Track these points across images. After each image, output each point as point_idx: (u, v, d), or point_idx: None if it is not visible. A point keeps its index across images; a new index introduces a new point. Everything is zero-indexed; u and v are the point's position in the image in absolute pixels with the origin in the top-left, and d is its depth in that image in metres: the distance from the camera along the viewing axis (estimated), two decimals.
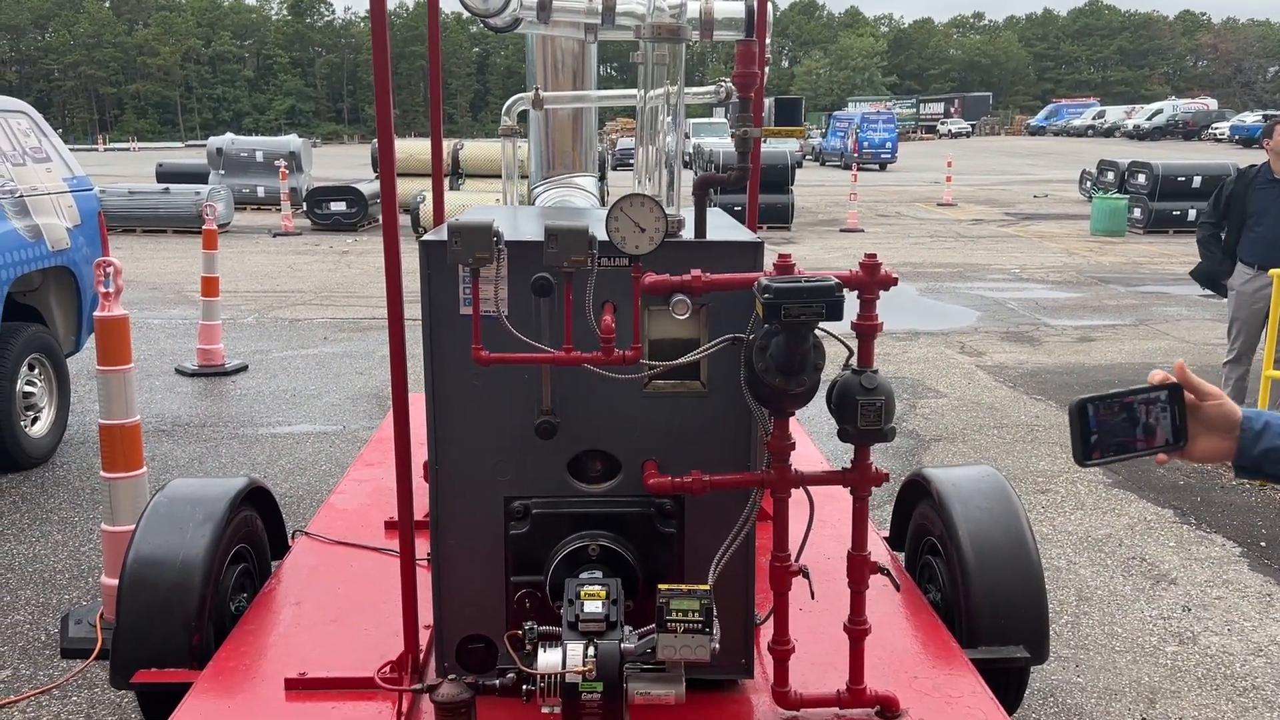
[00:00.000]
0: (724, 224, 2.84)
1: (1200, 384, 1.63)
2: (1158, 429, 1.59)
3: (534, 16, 2.99)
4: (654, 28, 2.32)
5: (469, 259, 2.13)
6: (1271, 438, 1.61)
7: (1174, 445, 1.60)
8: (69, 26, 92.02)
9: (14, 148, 5.64)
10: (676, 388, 2.39)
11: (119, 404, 3.57)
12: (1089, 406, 1.56)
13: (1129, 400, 1.58)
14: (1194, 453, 1.64)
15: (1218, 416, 1.63)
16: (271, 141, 22.67)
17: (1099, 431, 1.57)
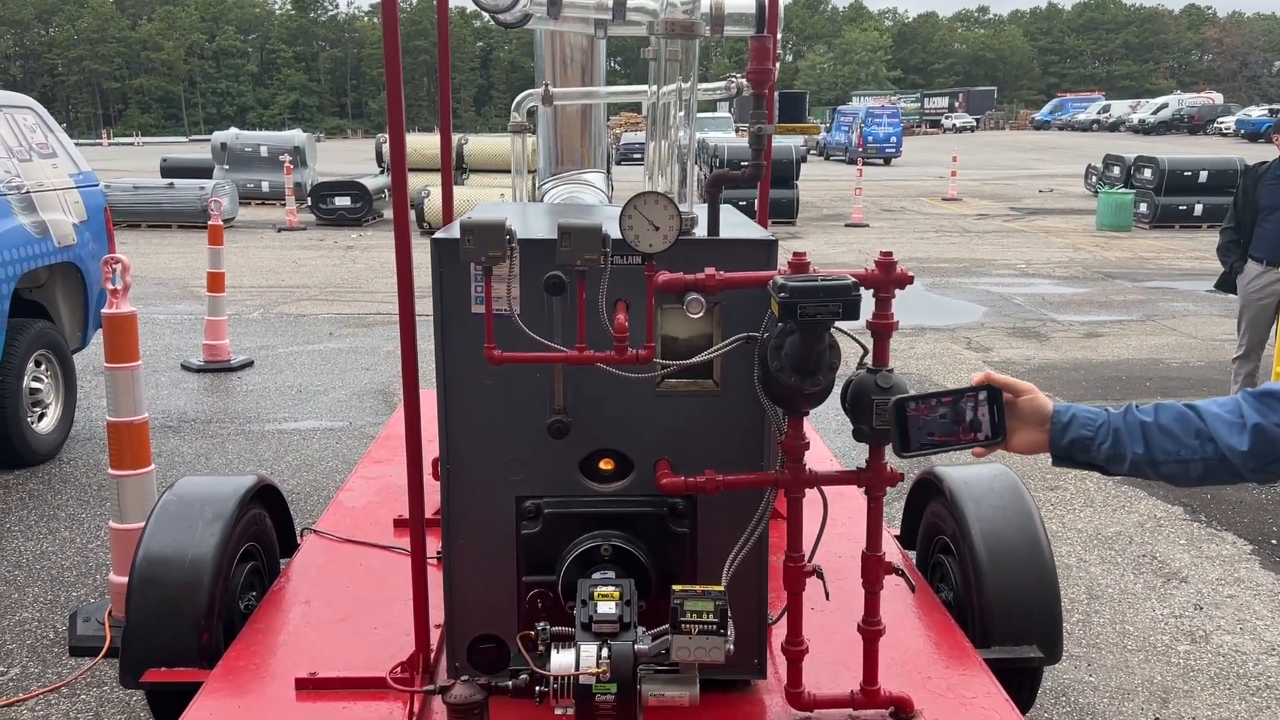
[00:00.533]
0: (736, 221, 2.82)
1: (1013, 382, 1.79)
2: (979, 424, 1.78)
3: (544, 12, 2.97)
4: (667, 24, 2.30)
5: (481, 257, 2.11)
6: (1077, 429, 1.74)
7: (993, 439, 1.78)
8: (73, 21, 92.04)
9: (20, 143, 5.63)
10: (689, 387, 2.37)
11: (126, 401, 3.56)
12: (906, 404, 1.76)
13: (950, 399, 1.77)
14: (1013, 445, 1.82)
15: (1031, 411, 1.79)
16: (276, 136, 22.65)
17: (918, 426, 1.76)
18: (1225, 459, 1.64)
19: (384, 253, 15.06)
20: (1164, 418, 1.69)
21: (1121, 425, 1.71)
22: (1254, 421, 1.61)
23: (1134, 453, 1.70)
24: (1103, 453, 1.72)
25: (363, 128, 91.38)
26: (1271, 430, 1.61)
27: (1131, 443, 1.70)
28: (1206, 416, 1.67)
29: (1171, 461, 1.68)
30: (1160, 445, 1.68)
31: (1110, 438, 1.71)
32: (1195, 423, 1.67)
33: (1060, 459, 1.78)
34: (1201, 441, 1.66)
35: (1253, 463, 1.63)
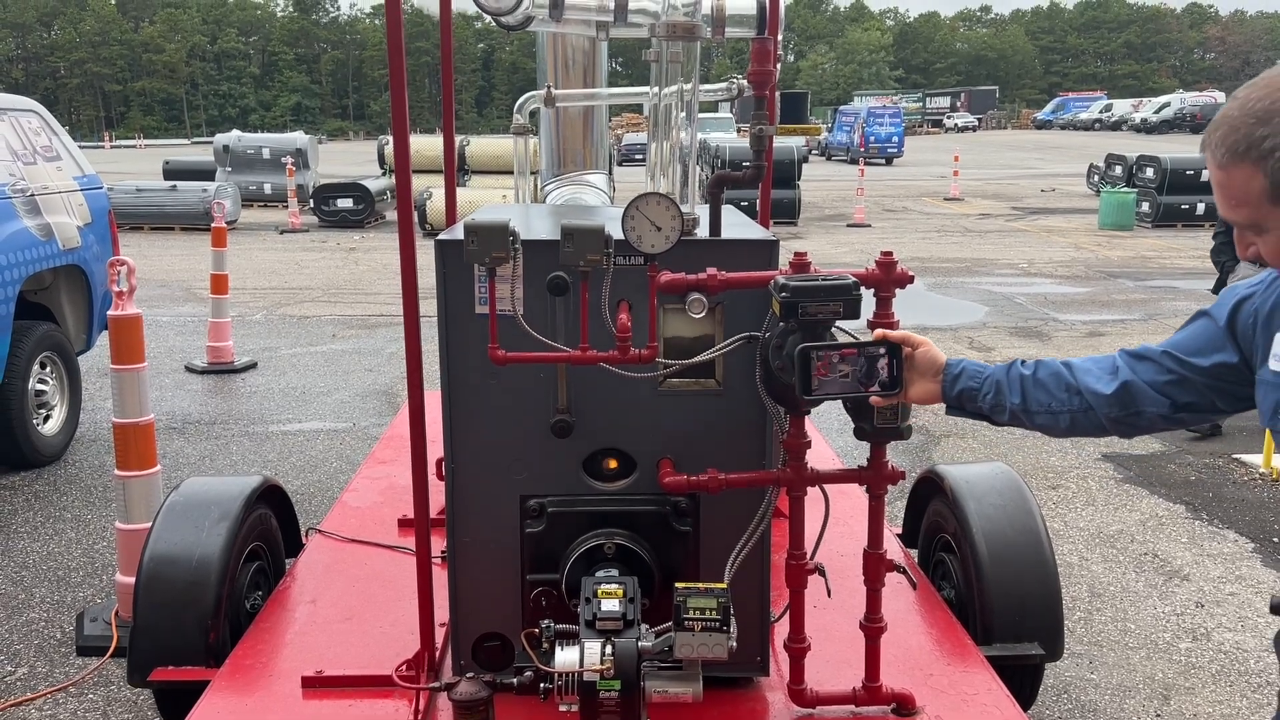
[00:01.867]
0: (738, 221, 2.84)
1: (909, 336, 1.91)
2: (878, 375, 1.89)
3: (546, 14, 2.99)
4: (669, 26, 2.32)
5: (485, 258, 2.13)
6: (965, 380, 1.88)
7: (890, 389, 1.90)
8: (75, 24, 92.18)
9: (25, 146, 5.66)
10: (692, 386, 2.39)
11: (132, 402, 3.58)
12: (810, 352, 1.88)
13: (851, 351, 1.89)
14: (909, 395, 1.93)
15: (926, 362, 1.91)
16: (278, 139, 22.70)
17: (822, 373, 1.88)
18: (1090, 409, 1.79)
19: (386, 254, 15.08)
20: (1041, 373, 1.85)
21: (1003, 378, 1.86)
22: (1125, 377, 1.76)
23: (1012, 403, 1.85)
24: (987, 402, 1.87)
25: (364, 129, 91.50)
26: (1137, 385, 1.75)
27: (1010, 394, 1.85)
28: (1077, 372, 1.82)
29: (1044, 412, 1.83)
30: (1035, 397, 1.84)
31: (993, 389, 1.86)
32: (1066, 378, 1.83)
33: (951, 408, 1.93)
34: (1070, 394, 1.81)
35: (1116, 411, 1.77)
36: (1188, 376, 1.71)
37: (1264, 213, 1.44)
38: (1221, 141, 1.44)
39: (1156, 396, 1.74)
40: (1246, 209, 1.46)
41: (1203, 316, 1.73)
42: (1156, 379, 1.74)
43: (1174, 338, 1.77)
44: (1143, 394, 1.74)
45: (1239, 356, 1.65)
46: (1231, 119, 1.43)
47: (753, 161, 2.43)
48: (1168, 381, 1.73)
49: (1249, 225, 1.49)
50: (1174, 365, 1.72)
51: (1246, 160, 1.41)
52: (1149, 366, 1.75)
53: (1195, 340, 1.72)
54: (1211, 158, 1.48)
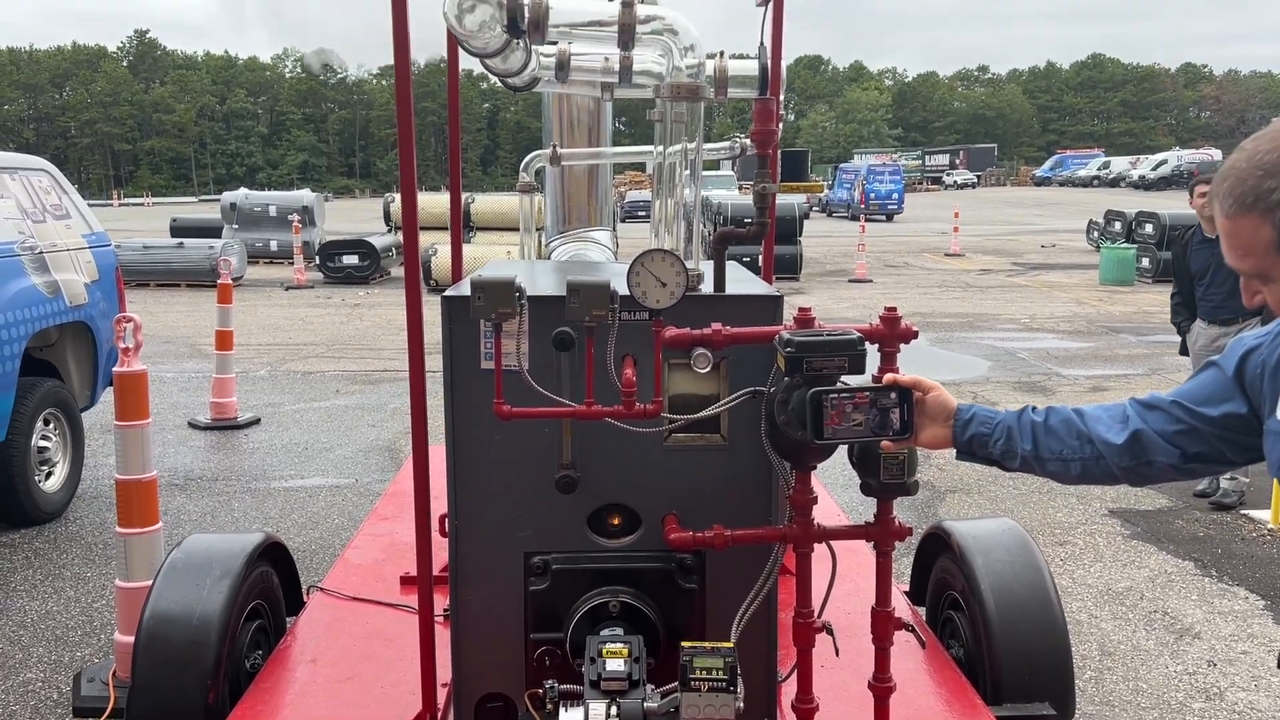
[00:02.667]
0: (742, 277, 2.86)
1: (920, 380, 1.90)
2: (889, 421, 1.87)
3: (552, 76, 3.04)
4: (673, 88, 2.36)
5: (492, 314, 2.14)
6: (977, 425, 1.88)
7: (901, 434, 1.88)
8: (87, 85, 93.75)
9: (35, 205, 5.72)
10: (697, 441, 2.38)
11: (136, 459, 3.57)
12: (822, 396, 1.86)
13: (864, 396, 1.86)
14: (920, 440, 1.92)
15: (937, 407, 1.90)
16: (285, 196, 22.94)
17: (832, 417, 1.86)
18: (1101, 457, 1.78)
19: (391, 310, 15.15)
20: (1052, 419, 1.84)
21: (1015, 425, 1.86)
22: (1135, 426, 1.75)
23: (1023, 449, 1.84)
24: (998, 448, 1.86)
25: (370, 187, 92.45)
26: (1148, 434, 1.74)
27: (1022, 440, 1.84)
28: (1088, 420, 1.82)
29: (1055, 459, 1.83)
30: (1046, 444, 1.83)
31: (1004, 435, 1.85)
32: (1077, 425, 1.82)
33: (962, 453, 1.91)
34: (1081, 442, 1.80)
35: (1127, 460, 1.76)
36: (1197, 426, 1.71)
37: (1270, 262, 1.46)
38: (1229, 193, 1.47)
39: (1167, 446, 1.73)
40: (1253, 259, 1.48)
41: (1211, 367, 1.74)
42: (1166, 428, 1.73)
43: (1183, 387, 1.77)
44: (1153, 443, 1.74)
45: (1247, 407, 1.65)
46: (1239, 170, 1.45)
47: (756, 219, 2.45)
48: (1178, 431, 1.72)
49: (1255, 275, 1.51)
50: (1183, 415, 1.72)
51: (1254, 211, 1.43)
52: (1159, 416, 1.75)
53: (1204, 390, 1.72)
54: (1219, 208, 1.50)
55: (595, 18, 2.41)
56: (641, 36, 2.40)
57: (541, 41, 2.53)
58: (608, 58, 2.96)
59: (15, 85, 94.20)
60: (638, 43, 2.40)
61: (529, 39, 2.43)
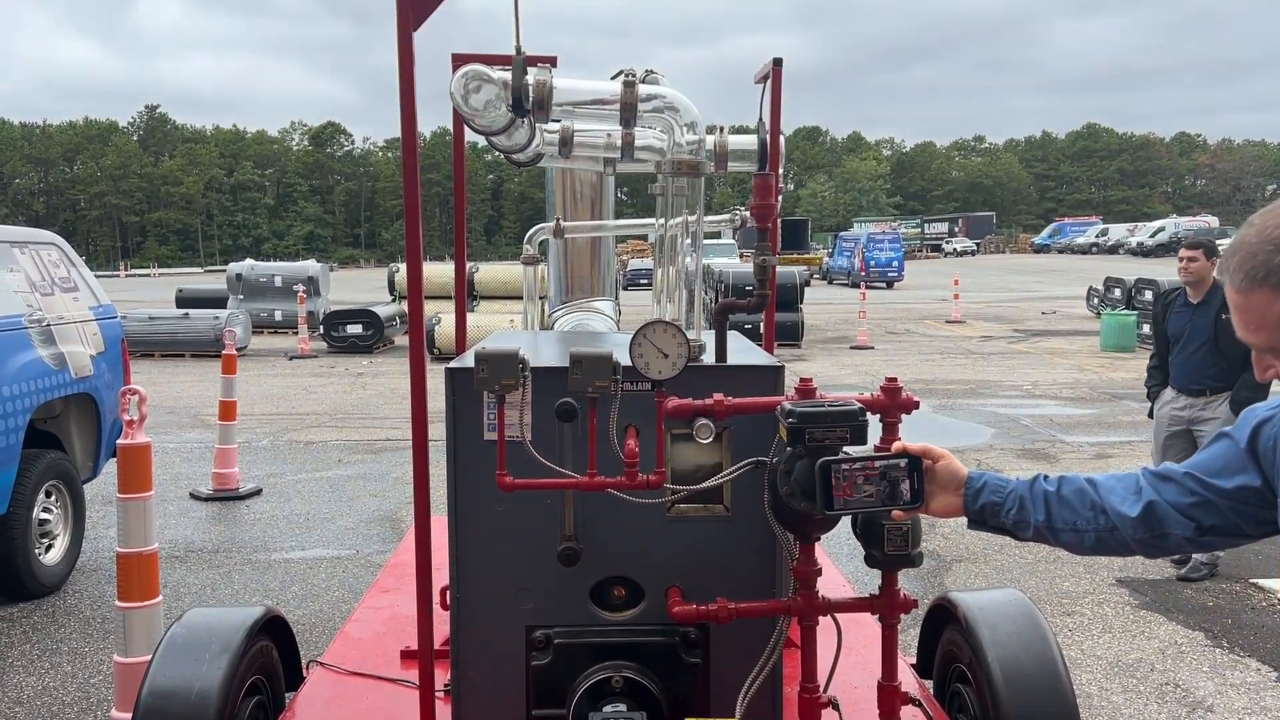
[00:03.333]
0: (743, 347, 2.88)
1: (930, 449, 1.89)
2: (899, 490, 1.85)
3: (556, 152, 3.10)
4: (674, 163, 2.41)
5: (495, 385, 2.16)
6: (988, 494, 1.86)
7: (912, 504, 1.86)
8: (97, 159, 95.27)
9: (43, 278, 5.78)
10: (699, 511, 2.38)
11: (138, 532, 3.56)
12: (831, 466, 1.83)
13: (874, 465, 1.84)
14: (931, 509, 1.90)
15: (947, 475, 1.89)
16: (290, 267, 23.16)
17: (842, 487, 1.83)
18: (1115, 529, 1.77)
19: (394, 379, 15.19)
20: (1065, 489, 1.82)
21: (1027, 494, 1.84)
22: (1149, 498, 1.74)
23: (1036, 519, 1.82)
24: (1010, 518, 1.84)
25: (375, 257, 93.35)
26: (1162, 506, 1.73)
27: (1035, 510, 1.82)
28: (1102, 490, 1.80)
29: (1069, 530, 1.81)
30: (1060, 514, 1.81)
31: (1017, 505, 1.84)
32: (1091, 496, 1.80)
33: (973, 522, 1.90)
34: (1095, 513, 1.79)
35: (1141, 533, 1.74)
36: (1211, 499, 1.69)
37: None
38: (1239, 267, 1.48)
39: (1181, 519, 1.72)
40: (1265, 332, 1.49)
41: (1224, 438, 1.72)
42: (1181, 500, 1.72)
43: (1196, 458, 1.76)
44: (1168, 516, 1.72)
45: (1261, 479, 1.64)
46: (1249, 245, 1.47)
47: (757, 290, 2.48)
48: (1192, 503, 1.71)
49: (1268, 349, 1.51)
50: (1197, 487, 1.70)
51: (1265, 286, 1.45)
52: (1172, 488, 1.73)
53: (1217, 461, 1.70)
54: (1230, 282, 1.51)
55: (598, 96, 2.47)
56: (643, 114, 2.46)
57: (546, 120, 2.59)
58: (610, 134, 3.02)
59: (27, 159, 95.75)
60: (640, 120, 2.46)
61: (533, 118, 2.49)
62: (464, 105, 2.37)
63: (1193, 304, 5.89)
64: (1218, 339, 5.66)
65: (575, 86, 2.43)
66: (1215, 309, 5.71)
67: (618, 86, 2.42)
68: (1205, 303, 5.81)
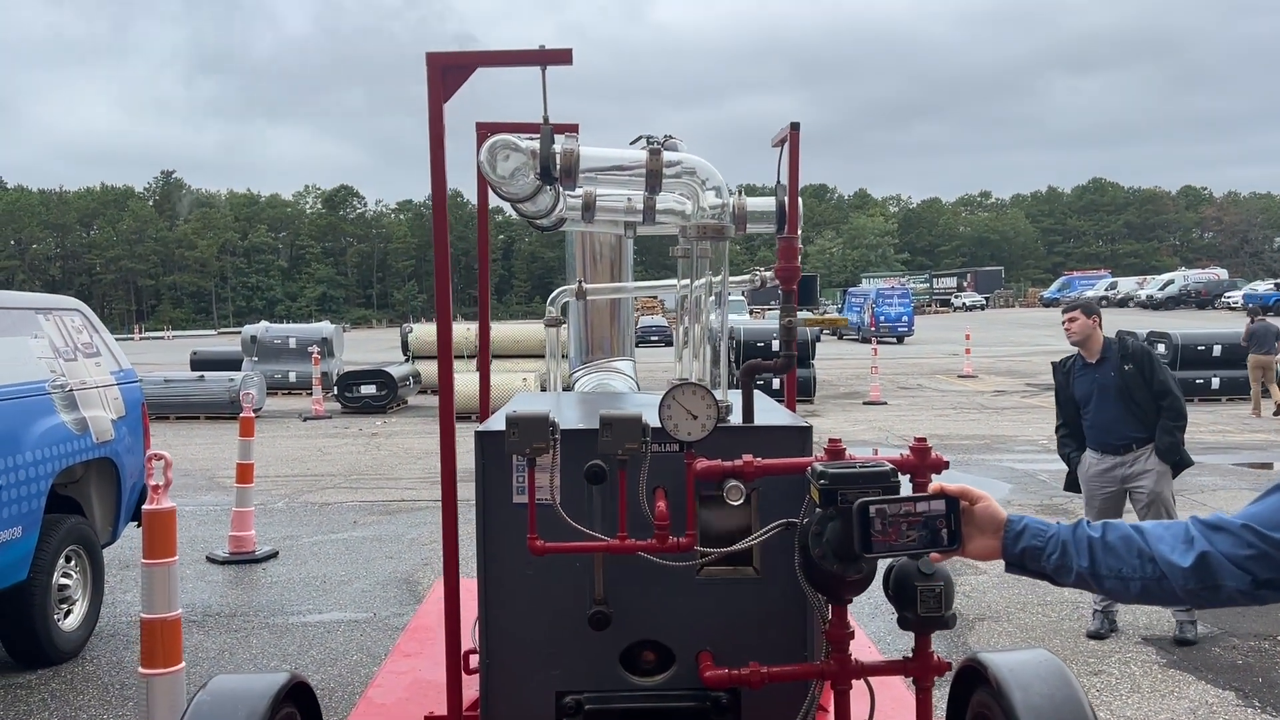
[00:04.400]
0: (767, 406, 2.90)
1: (968, 490, 1.86)
2: (936, 532, 1.82)
3: (578, 217, 3.15)
4: (699, 228, 2.44)
5: (526, 449, 2.18)
6: (1029, 538, 1.82)
7: (949, 546, 1.83)
8: (113, 224, 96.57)
9: (66, 344, 5.85)
10: (729, 574, 2.38)
11: (161, 597, 3.56)
12: (869, 507, 1.80)
13: (911, 506, 1.81)
14: (968, 551, 1.86)
15: (986, 518, 1.85)
16: (305, 329, 23.34)
17: (880, 530, 1.80)
18: (1164, 577, 1.73)
19: (408, 439, 15.20)
20: (1110, 536, 1.79)
21: (1070, 539, 1.81)
22: (1202, 548, 1.69)
23: (1080, 565, 1.78)
24: (1051, 563, 1.81)
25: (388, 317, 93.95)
26: (1216, 557, 1.68)
27: (1078, 556, 1.79)
28: (1150, 538, 1.77)
29: (1113, 577, 1.77)
30: (1104, 561, 1.77)
31: (1059, 549, 1.80)
32: (1138, 543, 1.76)
33: (1012, 566, 1.86)
34: (1143, 561, 1.75)
35: (1193, 583, 1.70)
36: (1270, 552, 1.65)
37: None
38: None
39: (1237, 571, 1.67)
40: None
41: None
42: (1237, 552, 1.67)
43: (1253, 510, 1.71)
44: (1222, 567, 1.68)
45: None
46: None
47: (782, 351, 2.50)
48: (1249, 556, 1.67)
49: None
50: (1255, 539, 1.66)
51: None
52: (1227, 539, 1.69)
53: (1277, 515, 1.66)
54: None
55: (623, 163, 2.52)
56: (667, 180, 2.51)
57: (572, 188, 2.63)
58: (630, 198, 3.07)
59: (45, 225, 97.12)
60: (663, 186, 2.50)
61: (560, 185, 2.54)
62: (492, 173, 2.42)
63: (1091, 364, 5.91)
64: (1129, 391, 5.71)
65: (601, 154, 2.48)
66: (1115, 364, 5.78)
67: (642, 154, 2.47)
68: (1104, 360, 5.86)
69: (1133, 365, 5.76)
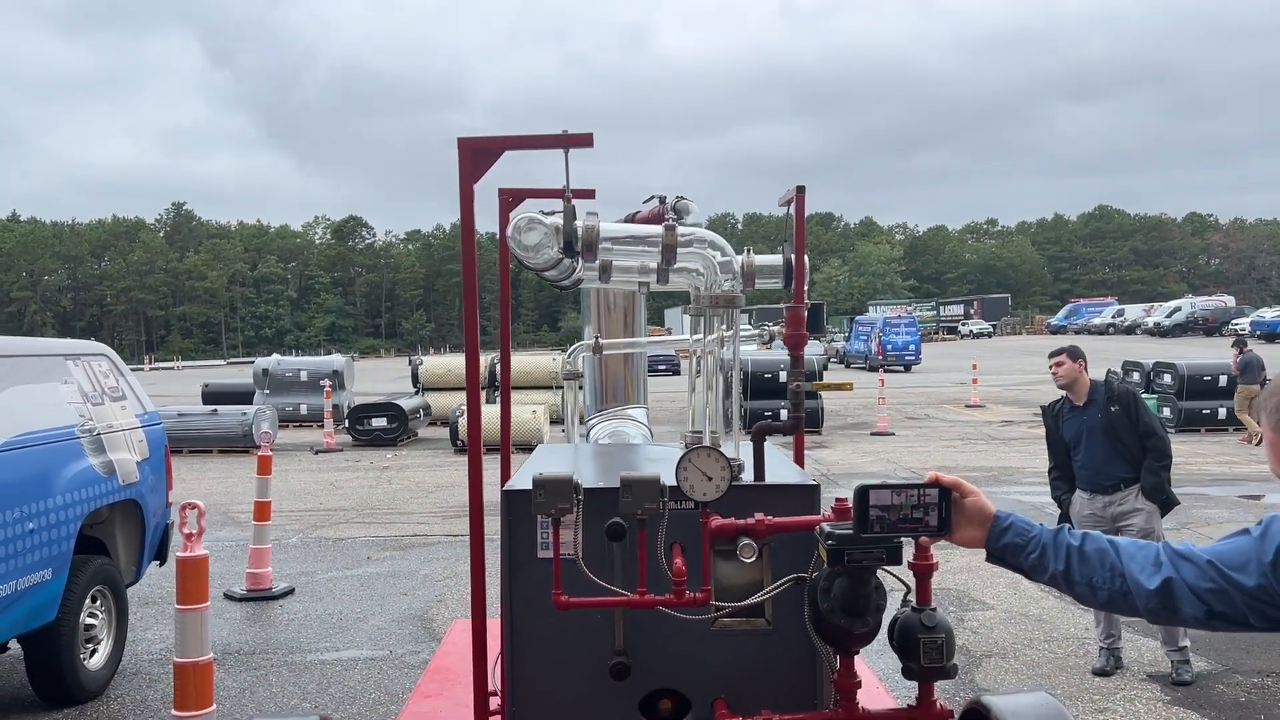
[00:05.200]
0: (777, 459, 3.04)
1: (961, 483, 2.01)
2: (927, 517, 1.97)
3: (595, 277, 3.31)
4: (713, 298, 2.60)
5: (552, 510, 2.32)
6: (1013, 535, 1.97)
7: (938, 531, 1.97)
8: (124, 255, 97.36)
9: (94, 388, 6.02)
10: (743, 625, 2.51)
11: (194, 642, 3.69)
12: (869, 492, 1.97)
13: (906, 492, 1.97)
14: (955, 538, 2.01)
15: (975, 511, 2.01)
16: (316, 361, 23.58)
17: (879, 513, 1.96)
18: (1129, 593, 1.89)
19: (418, 472, 15.34)
20: (1088, 546, 1.94)
21: (1050, 543, 1.96)
22: (1168, 574, 1.85)
23: (1055, 567, 1.94)
24: (1029, 560, 1.96)
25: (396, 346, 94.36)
26: (1179, 585, 1.84)
27: (1055, 559, 1.94)
28: (1123, 555, 1.92)
29: (1084, 584, 1.93)
30: (1078, 568, 1.93)
31: (1039, 550, 1.95)
32: (1111, 558, 1.92)
33: (993, 557, 2.01)
34: (1113, 575, 1.90)
35: (1154, 603, 1.86)
36: (1228, 590, 1.80)
37: None
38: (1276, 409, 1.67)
39: (1195, 600, 1.82)
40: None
41: (1247, 535, 1.83)
42: (1199, 584, 1.82)
43: (1219, 548, 1.85)
44: (1184, 595, 1.83)
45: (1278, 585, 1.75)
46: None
47: (791, 413, 2.64)
48: (1209, 589, 1.81)
49: None
50: (1217, 576, 1.81)
51: None
52: (1192, 570, 1.83)
53: (1239, 557, 1.80)
54: (1266, 421, 1.70)
55: (641, 236, 2.68)
56: (682, 253, 2.66)
57: (593, 260, 2.79)
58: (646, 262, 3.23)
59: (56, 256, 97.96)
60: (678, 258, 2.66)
61: (581, 258, 2.70)
62: (519, 248, 2.58)
63: (1079, 407, 6.05)
64: (1115, 433, 5.86)
65: (620, 229, 2.64)
66: (1102, 406, 5.93)
67: (659, 229, 2.63)
68: (1091, 402, 6.01)
69: (1119, 407, 5.92)
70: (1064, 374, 6.05)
